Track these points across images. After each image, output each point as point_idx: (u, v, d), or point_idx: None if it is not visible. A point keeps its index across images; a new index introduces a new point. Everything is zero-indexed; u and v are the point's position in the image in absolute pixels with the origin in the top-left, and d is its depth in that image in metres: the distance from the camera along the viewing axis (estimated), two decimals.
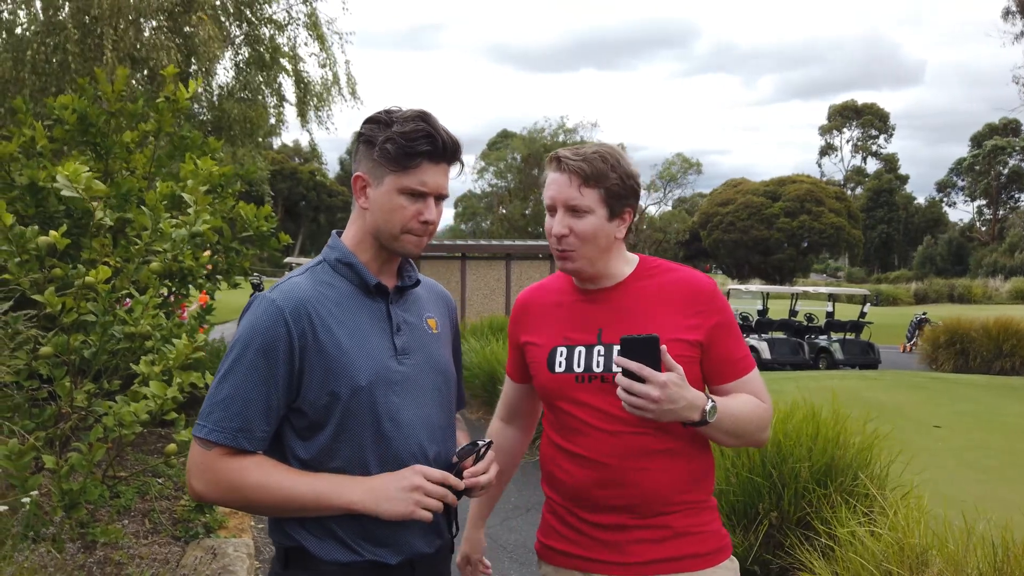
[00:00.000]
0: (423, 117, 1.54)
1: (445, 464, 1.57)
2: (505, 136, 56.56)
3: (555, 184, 1.69)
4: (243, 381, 1.46)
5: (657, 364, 1.54)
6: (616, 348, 1.64)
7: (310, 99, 12.69)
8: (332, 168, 63.75)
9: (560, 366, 1.74)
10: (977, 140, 64.69)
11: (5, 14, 10.71)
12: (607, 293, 1.76)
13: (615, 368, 1.59)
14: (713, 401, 1.61)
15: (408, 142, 1.50)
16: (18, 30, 10.63)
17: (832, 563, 3.17)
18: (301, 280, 1.57)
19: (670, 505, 1.70)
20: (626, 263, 1.79)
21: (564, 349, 1.75)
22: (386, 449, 1.52)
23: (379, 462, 1.52)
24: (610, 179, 1.67)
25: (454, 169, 1.61)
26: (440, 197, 1.58)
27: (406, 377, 1.57)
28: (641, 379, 1.53)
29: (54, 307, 3.31)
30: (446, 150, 1.54)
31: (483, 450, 1.58)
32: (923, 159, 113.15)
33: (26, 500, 2.93)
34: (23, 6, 10.68)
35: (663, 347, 1.55)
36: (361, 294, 1.59)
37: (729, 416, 1.65)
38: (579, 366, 1.72)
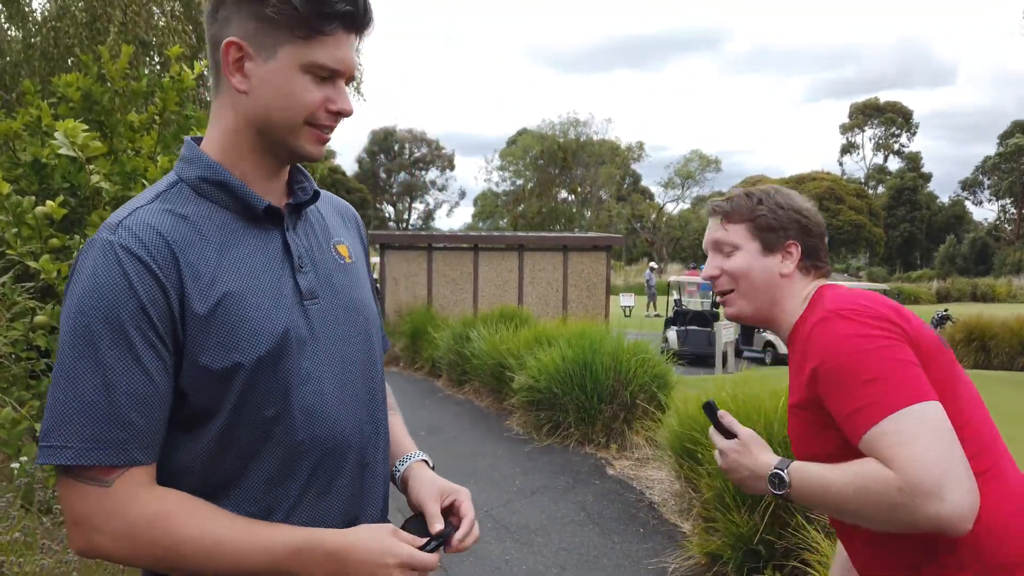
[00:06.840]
0: None
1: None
2: (523, 133, 56.57)
3: (707, 231, 1.61)
4: (90, 373, 1.03)
5: (722, 430, 1.49)
6: None
7: None
8: (348, 168, 64.07)
9: None
10: (1004, 138, 63.77)
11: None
12: (789, 341, 1.52)
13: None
14: (780, 468, 1.35)
15: None
16: (37, 10, 10.72)
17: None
18: (149, 208, 1.11)
19: None
20: (801, 302, 1.51)
21: None
22: (297, 434, 1.13)
23: (286, 455, 1.13)
24: (756, 211, 1.52)
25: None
26: (350, 80, 1.18)
27: (319, 329, 1.18)
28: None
29: (49, 273, 3.30)
30: (367, 15, 1.15)
31: (435, 544, 1.16)
32: (953, 158, 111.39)
33: (15, 466, 2.92)
34: None
35: (720, 412, 1.50)
36: (241, 222, 1.16)
37: (811, 487, 1.32)
38: None
